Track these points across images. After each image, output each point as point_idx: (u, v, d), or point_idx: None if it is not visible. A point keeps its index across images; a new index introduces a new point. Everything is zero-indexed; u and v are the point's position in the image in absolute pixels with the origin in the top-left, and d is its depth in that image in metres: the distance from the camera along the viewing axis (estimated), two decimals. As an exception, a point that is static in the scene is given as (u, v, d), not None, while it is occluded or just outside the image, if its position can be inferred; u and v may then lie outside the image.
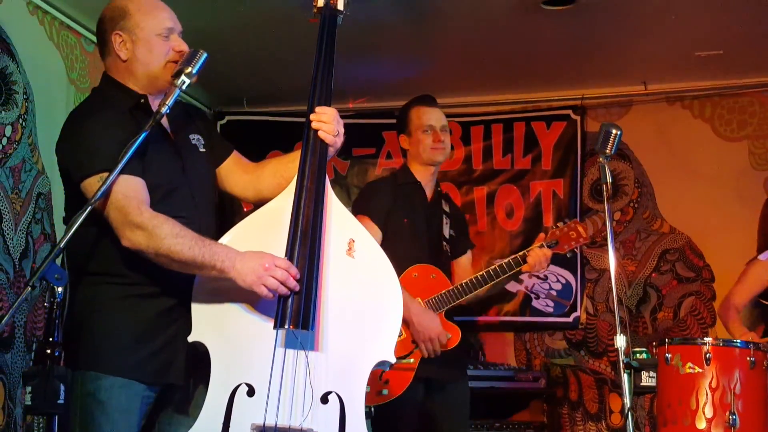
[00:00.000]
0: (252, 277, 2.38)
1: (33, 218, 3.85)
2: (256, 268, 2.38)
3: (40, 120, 3.92)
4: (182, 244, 2.39)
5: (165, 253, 2.38)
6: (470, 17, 4.40)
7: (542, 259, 3.55)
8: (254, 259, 2.41)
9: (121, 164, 2.33)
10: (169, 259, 2.39)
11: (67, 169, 2.54)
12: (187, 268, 2.43)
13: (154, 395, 2.54)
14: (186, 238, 2.40)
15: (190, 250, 2.39)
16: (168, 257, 2.39)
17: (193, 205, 2.58)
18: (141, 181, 2.45)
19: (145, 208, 2.42)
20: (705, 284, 5.29)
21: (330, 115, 2.62)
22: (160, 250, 2.38)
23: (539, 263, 3.55)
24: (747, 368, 3.81)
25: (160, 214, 2.43)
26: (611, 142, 2.98)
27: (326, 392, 2.43)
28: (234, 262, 2.40)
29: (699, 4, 4.25)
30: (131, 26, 2.58)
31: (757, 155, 5.30)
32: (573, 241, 3.65)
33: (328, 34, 2.74)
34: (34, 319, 3.78)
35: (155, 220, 2.40)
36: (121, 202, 2.40)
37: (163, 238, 2.38)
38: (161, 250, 2.38)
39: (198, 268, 2.42)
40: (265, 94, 5.47)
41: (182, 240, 2.39)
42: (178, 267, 2.42)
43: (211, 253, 2.41)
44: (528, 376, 5.07)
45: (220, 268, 2.40)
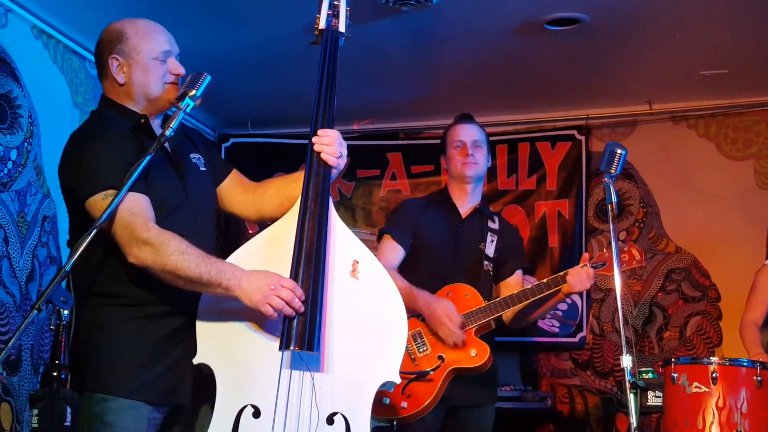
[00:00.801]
0: (258, 296, 2.39)
1: (39, 241, 3.87)
2: (262, 287, 2.39)
3: (45, 143, 3.94)
4: (189, 261, 2.40)
5: (172, 269, 2.39)
6: (473, 38, 4.43)
7: (584, 278, 3.44)
8: (260, 278, 2.42)
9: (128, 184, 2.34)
10: (176, 275, 2.40)
11: (71, 189, 2.54)
12: (193, 285, 2.43)
13: (162, 417, 2.54)
14: (193, 255, 2.41)
15: (196, 267, 2.40)
16: (174, 274, 2.40)
17: (195, 224, 2.59)
18: (146, 198, 2.47)
19: (152, 225, 2.43)
20: (711, 303, 5.29)
21: (332, 138, 2.63)
22: (167, 266, 2.39)
23: (580, 282, 3.44)
24: (754, 387, 3.80)
25: (167, 231, 2.44)
26: (616, 161, 2.98)
27: (332, 413, 2.43)
28: (240, 281, 2.41)
29: (703, 23, 4.27)
30: (128, 50, 2.60)
31: (762, 174, 5.30)
32: (625, 264, 3.54)
33: (330, 57, 2.76)
34: (41, 341, 3.78)
35: (162, 236, 2.41)
36: (128, 219, 2.41)
37: (170, 255, 2.39)
38: (168, 267, 2.39)
39: (204, 285, 2.43)
40: (269, 117, 5.50)
41: (189, 257, 2.40)
42: (183, 284, 2.43)
43: (218, 270, 2.42)
44: (534, 396, 5.06)
45: (226, 286, 2.41)
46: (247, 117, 5.61)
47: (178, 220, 2.53)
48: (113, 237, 2.44)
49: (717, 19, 4.24)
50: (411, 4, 3.97)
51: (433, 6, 4.00)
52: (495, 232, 3.72)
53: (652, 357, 5.20)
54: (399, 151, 5.69)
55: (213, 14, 4.09)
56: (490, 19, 4.21)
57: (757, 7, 4.10)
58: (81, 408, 2.37)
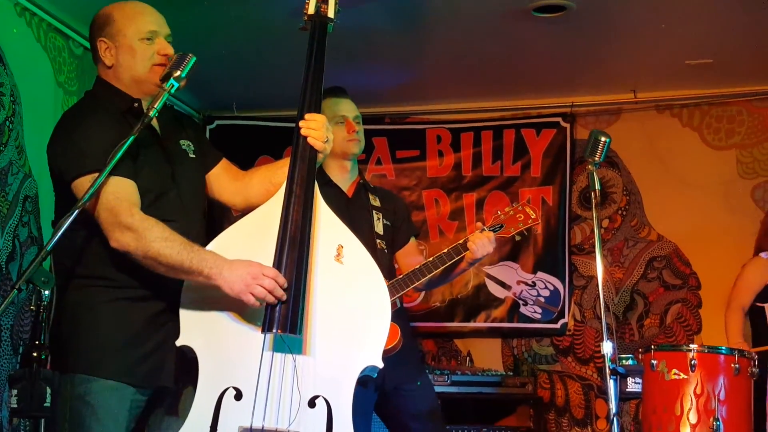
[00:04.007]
0: (240, 285, 2.39)
1: (20, 221, 3.84)
2: (244, 277, 2.39)
3: (27, 123, 3.91)
4: (171, 248, 2.39)
5: (153, 255, 2.39)
6: (460, 24, 4.42)
7: (485, 242, 3.32)
8: (242, 267, 2.41)
9: (110, 165, 2.34)
10: (157, 261, 2.40)
11: (58, 170, 2.54)
12: (174, 272, 2.43)
13: (145, 399, 2.55)
14: (175, 242, 2.41)
15: (178, 255, 2.39)
16: (156, 260, 2.40)
17: (182, 210, 2.59)
18: (133, 184, 2.47)
19: (135, 210, 2.43)
20: (691, 292, 5.32)
21: (319, 122, 2.64)
22: (149, 252, 2.39)
23: (483, 247, 3.32)
24: (731, 375, 3.83)
25: (151, 218, 2.44)
26: (600, 149, 2.98)
27: (314, 396, 2.44)
28: (221, 270, 2.41)
29: (689, 12, 4.27)
30: (114, 32, 2.60)
31: (744, 164, 5.33)
32: (521, 224, 3.45)
33: (318, 42, 2.75)
34: (21, 322, 3.77)
35: (145, 222, 2.41)
36: (112, 203, 2.41)
37: (152, 241, 2.39)
38: (150, 253, 2.39)
39: (185, 273, 2.43)
40: (254, 99, 5.48)
41: (171, 244, 2.40)
42: (164, 271, 2.43)
43: (199, 259, 2.41)
44: (515, 381, 5.08)
45: (207, 274, 2.41)
46: (233, 99, 5.58)
47: (165, 205, 2.54)
48: (97, 220, 2.43)
49: (702, 9, 4.24)
50: (398, -12, 3.96)
51: (420, -10, 3.99)
52: (379, 209, 3.58)
53: (632, 344, 5.24)
54: (384, 135, 5.68)
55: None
56: (476, 4, 4.20)
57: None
58: (62, 389, 2.37)
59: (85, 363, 2.47)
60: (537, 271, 5.46)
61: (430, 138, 5.69)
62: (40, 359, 2.25)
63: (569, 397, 5.38)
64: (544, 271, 5.45)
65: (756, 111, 5.33)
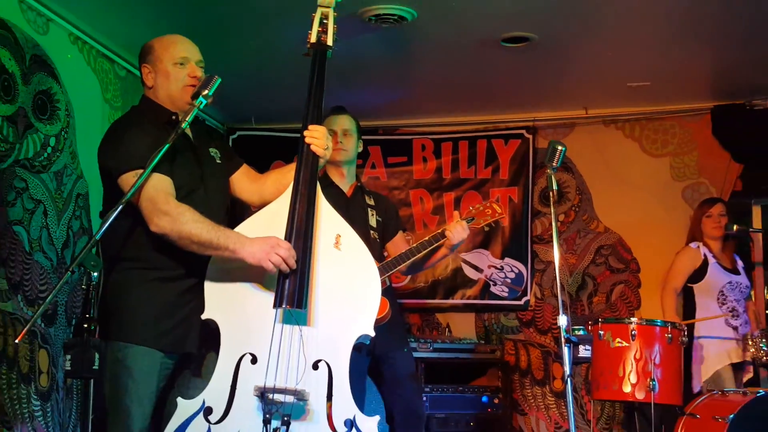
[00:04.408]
0: (261, 254, 2.39)
1: (73, 215, 3.82)
2: (264, 247, 2.40)
3: (79, 132, 3.89)
4: (201, 229, 2.41)
5: (186, 235, 2.40)
6: (442, 52, 4.39)
7: (460, 230, 3.35)
8: (261, 240, 2.44)
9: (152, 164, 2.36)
10: (190, 240, 2.41)
11: (107, 168, 2.54)
12: (205, 249, 2.43)
13: (172, 363, 2.55)
14: (204, 223, 2.42)
15: (207, 234, 2.40)
16: (189, 239, 2.40)
17: (208, 205, 2.58)
18: (169, 179, 2.48)
19: (171, 199, 2.44)
20: (632, 274, 5.30)
21: (321, 132, 2.63)
22: (183, 233, 2.40)
23: (458, 234, 3.34)
24: (665, 343, 3.85)
25: (183, 204, 2.45)
26: (557, 156, 2.98)
27: (317, 360, 2.44)
28: (244, 244, 2.42)
29: (631, 43, 4.25)
30: (153, 59, 2.64)
31: (676, 169, 5.31)
32: (489, 217, 3.48)
33: (319, 66, 2.74)
34: (74, 299, 3.75)
35: (179, 208, 2.43)
36: (152, 193, 2.42)
37: (185, 223, 2.40)
38: (183, 233, 2.40)
39: (214, 248, 2.43)
40: (270, 114, 5.44)
41: (201, 225, 2.41)
42: (197, 248, 2.43)
43: (225, 236, 2.43)
44: (486, 348, 5.08)
45: (232, 249, 2.41)
46: (252, 113, 5.54)
47: (194, 201, 2.53)
48: (139, 209, 2.44)
49: (642, 40, 4.22)
50: (389, 23, 3.93)
51: (408, 24, 3.96)
52: (373, 207, 3.60)
53: (583, 317, 5.22)
54: (378, 144, 5.66)
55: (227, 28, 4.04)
56: (455, 36, 4.18)
57: (675, 29, 4.09)
58: (106, 354, 2.36)
59: (123, 332, 2.47)
60: (504, 257, 5.43)
61: (416, 147, 5.66)
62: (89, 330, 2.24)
63: (531, 361, 5.36)
64: (511, 257, 5.43)
65: (686, 125, 5.30)
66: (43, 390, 3.52)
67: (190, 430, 2.38)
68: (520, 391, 5.33)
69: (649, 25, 4.03)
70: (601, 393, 4.00)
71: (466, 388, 4.91)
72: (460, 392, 4.85)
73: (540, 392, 5.31)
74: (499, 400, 4.89)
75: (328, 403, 2.41)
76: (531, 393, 5.32)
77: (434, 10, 3.86)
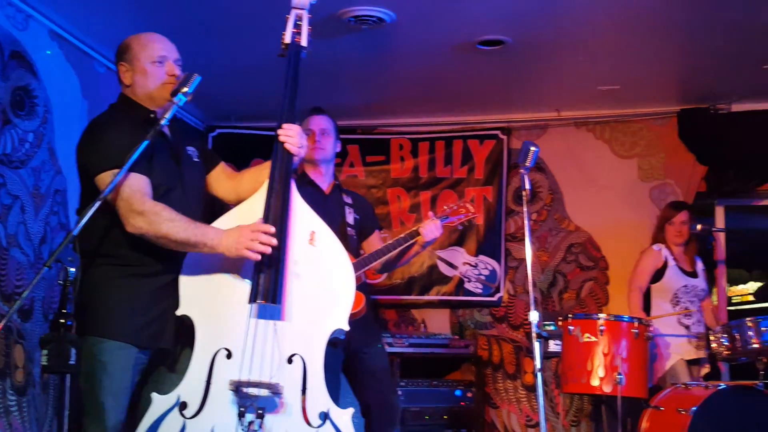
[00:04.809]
0: (237, 245, 2.37)
1: (51, 210, 3.77)
2: (239, 238, 2.38)
3: (57, 128, 3.84)
4: (178, 227, 2.37)
5: (164, 234, 2.37)
6: (419, 54, 4.39)
7: (433, 228, 3.39)
8: (234, 231, 2.41)
9: (128, 163, 2.31)
10: (167, 239, 2.38)
11: (85, 166, 2.50)
12: (183, 246, 2.41)
13: (147, 358, 2.51)
14: (181, 221, 2.39)
15: (184, 232, 2.37)
16: (166, 238, 2.37)
17: (186, 204, 2.54)
18: (146, 179, 2.43)
19: (147, 199, 2.40)
20: (601, 272, 5.33)
21: (295, 131, 2.61)
22: (159, 232, 2.37)
23: (431, 232, 3.38)
24: (632, 338, 3.88)
25: (159, 203, 2.41)
26: (530, 157, 2.99)
27: (291, 354, 2.41)
28: (221, 239, 2.39)
29: (602, 48, 4.29)
30: (131, 57, 2.59)
31: (644, 170, 5.34)
32: (463, 216, 3.52)
33: (293, 66, 2.70)
34: (51, 294, 3.70)
35: (156, 207, 2.39)
36: (128, 193, 2.38)
37: (161, 223, 2.36)
38: (160, 233, 2.37)
39: (192, 246, 2.40)
40: (249, 112, 5.40)
41: (178, 224, 2.38)
42: (175, 246, 2.40)
43: (202, 233, 2.40)
44: (460, 344, 5.08)
45: (210, 245, 2.39)
46: (231, 112, 5.51)
47: (171, 200, 2.49)
48: (115, 208, 2.40)
49: (613, 46, 4.26)
50: (368, 24, 3.92)
51: (387, 26, 3.96)
52: (351, 205, 3.61)
53: (554, 313, 5.19)
54: (356, 144, 5.64)
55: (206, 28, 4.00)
56: (432, 38, 4.18)
57: (643, 36, 4.12)
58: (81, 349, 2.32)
59: (98, 327, 2.43)
60: (479, 255, 5.44)
61: (394, 146, 5.65)
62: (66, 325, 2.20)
63: (503, 356, 5.37)
64: (485, 255, 5.43)
65: (654, 128, 5.34)
66: (19, 385, 3.46)
67: (165, 426, 2.34)
68: (493, 385, 5.34)
69: (619, 31, 4.08)
70: (570, 386, 4.03)
71: (440, 382, 4.92)
72: (434, 386, 4.86)
73: (512, 386, 5.32)
74: (472, 393, 4.90)
75: (302, 397, 2.38)
76: (503, 387, 5.33)
77: (413, 13, 3.86)
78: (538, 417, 3.30)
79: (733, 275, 6.69)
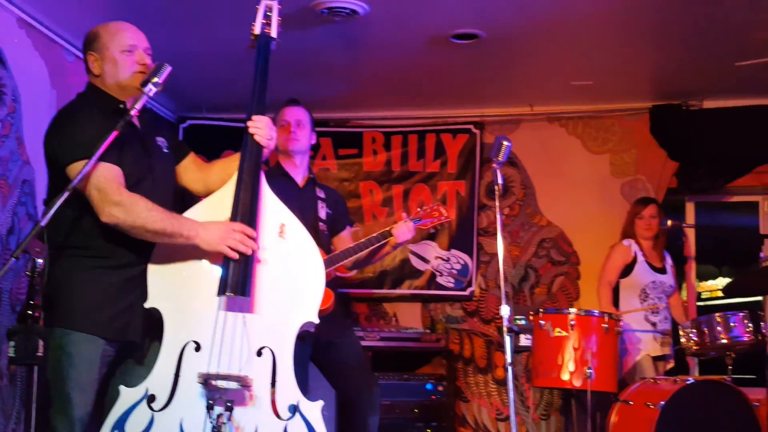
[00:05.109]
0: (216, 239, 2.40)
1: (18, 201, 3.73)
2: (219, 232, 2.40)
3: (26, 118, 3.80)
4: (154, 217, 2.38)
5: (140, 225, 2.37)
6: (392, 47, 4.40)
7: (405, 230, 3.43)
8: (215, 225, 2.43)
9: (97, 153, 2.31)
10: (144, 229, 2.38)
11: (54, 157, 2.49)
12: (158, 237, 2.42)
13: (114, 351, 2.51)
14: (157, 211, 2.40)
15: (161, 222, 2.38)
16: (143, 228, 2.38)
17: (156, 195, 2.53)
18: (118, 168, 2.43)
19: (123, 189, 2.41)
20: (572, 267, 5.37)
21: (263, 123, 2.62)
22: (136, 222, 2.37)
23: (403, 234, 3.43)
24: (602, 333, 3.89)
25: (135, 194, 2.41)
26: (503, 151, 3.01)
27: (261, 347, 2.43)
28: (198, 231, 2.41)
29: (575, 43, 4.32)
30: (100, 47, 2.58)
31: (616, 165, 5.39)
32: (436, 220, 3.56)
33: (263, 57, 2.71)
34: (18, 285, 3.67)
35: (132, 198, 2.40)
36: (102, 183, 2.38)
37: (139, 213, 2.37)
38: (137, 223, 2.37)
39: (168, 236, 2.41)
40: (220, 103, 5.38)
41: (154, 214, 2.39)
42: (151, 237, 2.41)
43: (179, 224, 2.42)
44: (432, 337, 5.10)
45: (186, 235, 2.40)
46: (202, 103, 5.48)
47: (141, 191, 2.48)
48: (88, 199, 2.39)
49: (586, 41, 4.29)
50: (341, 16, 3.93)
51: (360, 19, 3.96)
52: (323, 200, 3.62)
53: (525, 308, 5.25)
54: (329, 137, 5.64)
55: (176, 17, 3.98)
56: (406, 32, 4.19)
57: (617, 32, 4.17)
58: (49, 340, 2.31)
59: (65, 319, 2.43)
60: (451, 249, 5.46)
61: (367, 139, 5.65)
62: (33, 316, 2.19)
63: (474, 350, 5.40)
64: (457, 249, 5.46)
65: (626, 124, 5.39)
66: (-15, 377, 3.44)
67: (133, 418, 2.35)
68: (464, 379, 5.37)
69: (592, 27, 4.11)
70: (540, 380, 4.05)
71: (411, 376, 4.94)
72: (405, 380, 4.87)
73: (482, 380, 5.35)
74: (443, 387, 4.92)
75: (272, 390, 2.40)
76: (474, 381, 5.37)
77: (387, 5, 3.87)
78: (508, 411, 3.33)
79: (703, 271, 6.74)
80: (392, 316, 5.50)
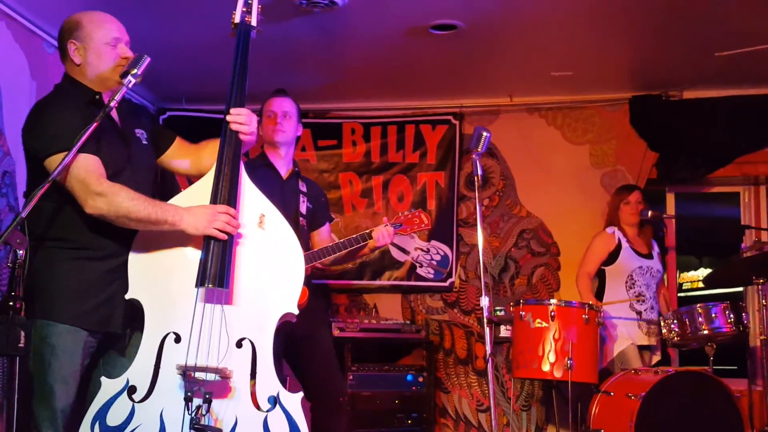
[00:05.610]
0: (203, 223, 2.44)
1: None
2: (205, 216, 2.44)
3: (6, 110, 3.79)
4: (138, 206, 2.41)
5: (124, 214, 2.40)
6: (371, 37, 4.42)
7: (385, 234, 3.50)
8: (199, 209, 2.47)
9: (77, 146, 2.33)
10: (128, 218, 2.41)
11: (33, 149, 2.50)
12: (144, 225, 2.45)
13: (96, 342, 2.54)
14: (140, 200, 2.43)
15: (145, 210, 2.41)
16: (127, 217, 2.41)
17: (135, 186, 2.55)
18: (98, 159, 2.45)
19: (104, 180, 2.43)
20: (552, 257, 5.39)
21: (243, 114, 2.64)
22: (120, 212, 2.40)
23: (383, 237, 3.50)
24: (582, 324, 3.93)
25: (116, 184, 2.44)
26: (482, 142, 3.05)
27: (240, 338, 2.46)
28: (182, 216, 2.45)
29: (555, 34, 4.35)
30: (83, 36, 2.58)
31: (595, 156, 5.42)
32: (416, 227, 3.62)
33: (242, 46, 2.73)
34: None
35: (114, 188, 2.42)
36: (83, 175, 2.40)
37: (122, 202, 2.40)
38: (120, 212, 2.40)
39: (153, 223, 2.44)
40: (200, 94, 5.38)
41: (137, 202, 2.42)
42: (135, 225, 2.44)
43: (163, 210, 2.44)
44: (412, 329, 5.12)
45: (171, 222, 2.44)
46: (182, 94, 5.48)
47: (120, 182, 2.50)
48: (70, 190, 2.42)
49: (566, 31, 4.32)
50: (320, 7, 3.95)
51: (339, 9, 3.98)
52: (305, 194, 3.65)
53: (505, 299, 5.29)
54: (308, 128, 5.64)
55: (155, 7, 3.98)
56: (385, 22, 4.21)
57: (596, 22, 4.20)
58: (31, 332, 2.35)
59: (47, 310, 2.46)
60: (431, 240, 5.49)
61: (346, 130, 5.67)
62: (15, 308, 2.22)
63: (455, 341, 5.43)
64: (437, 240, 5.48)
65: (606, 114, 5.42)
66: (-34, 369, 3.44)
67: (114, 409, 2.39)
68: (444, 370, 5.40)
69: (571, 17, 4.13)
70: (521, 371, 4.07)
71: (391, 366, 4.97)
72: (385, 371, 4.90)
73: (463, 371, 5.39)
74: (423, 378, 4.96)
75: (251, 381, 2.43)
76: (454, 372, 5.40)
77: (365, -4, 3.88)
78: (489, 401, 3.36)
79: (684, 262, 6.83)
80: (372, 307, 5.53)
